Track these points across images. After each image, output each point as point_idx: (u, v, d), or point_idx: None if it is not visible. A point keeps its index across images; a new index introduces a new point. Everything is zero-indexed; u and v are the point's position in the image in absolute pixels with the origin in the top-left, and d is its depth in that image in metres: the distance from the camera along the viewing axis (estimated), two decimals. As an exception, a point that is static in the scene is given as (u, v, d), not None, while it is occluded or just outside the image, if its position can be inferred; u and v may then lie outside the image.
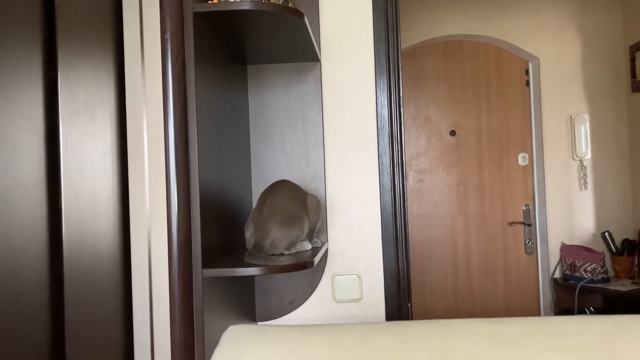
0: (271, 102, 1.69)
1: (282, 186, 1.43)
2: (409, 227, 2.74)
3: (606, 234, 3.36)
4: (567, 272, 3.30)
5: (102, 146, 1.08)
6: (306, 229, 1.41)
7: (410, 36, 3.56)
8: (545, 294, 3.52)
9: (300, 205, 1.41)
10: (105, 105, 1.09)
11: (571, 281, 3.24)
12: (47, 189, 0.93)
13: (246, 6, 1.16)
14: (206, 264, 1.19)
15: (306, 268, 1.22)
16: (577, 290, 3.13)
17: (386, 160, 1.68)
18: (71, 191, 0.97)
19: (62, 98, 0.95)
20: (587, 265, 3.18)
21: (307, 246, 1.43)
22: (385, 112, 1.69)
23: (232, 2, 1.17)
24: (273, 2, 1.35)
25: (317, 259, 1.30)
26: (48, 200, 0.93)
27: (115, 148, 1.13)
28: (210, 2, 1.21)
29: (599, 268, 3.15)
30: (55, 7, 0.96)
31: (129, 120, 1.16)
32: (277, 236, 1.32)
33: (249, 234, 1.36)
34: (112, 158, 1.12)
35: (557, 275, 3.45)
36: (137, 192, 1.16)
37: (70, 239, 0.96)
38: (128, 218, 1.16)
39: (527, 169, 3.57)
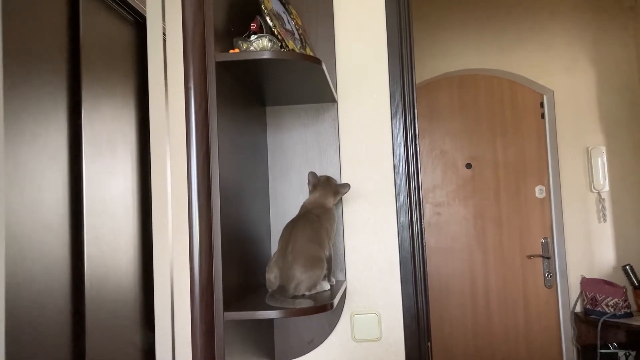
0: (289, 142, 1.73)
1: (299, 229, 1.44)
2: (427, 261, 2.69)
3: (627, 267, 3.31)
4: (589, 306, 3.25)
5: (123, 184, 1.11)
6: (325, 268, 1.43)
7: (425, 71, 3.60)
8: (566, 329, 3.46)
9: (319, 245, 1.44)
10: (126, 144, 1.13)
11: (593, 316, 3.19)
12: (70, 229, 0.95)
13: (267, 55, 1.20)
14: (227, 306, 1.20)
15: (326, 310, 1.23)
16: (600, 325, 3.07)
17: (403, 198, 1.69)
18: (93, 229, 1.00)
19: (85, 139, 0.99)
20: (608, 299, 3.13)
21: (326, 286, 1.45)
22: (401, 150, 1.71)
23: (253, 51, 1.21)
24: (291, 48, 1.39)
25: (336, 301, 1.31)
26: (71, 240, 0.95)
27: (135, 185, 1.16)
28: (231, 51, 1.25)
29: (621, 302, 3.10)
30: (81, 52, 1.00)
31: (153, 159, 1.19)
32: (302, 279, 1.35)
33: (273, 276, 1.38)
34: (133, 195, 1.15)
35: (578, 309, 3.40)
36: (160, 230, 1.18)
37: (91, 277, 0.99)
38: (149, 254, 1.18)
39: (545, 202, 3.55)
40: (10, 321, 0.80)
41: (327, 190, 1.56)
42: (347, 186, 1.59)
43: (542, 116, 3.60)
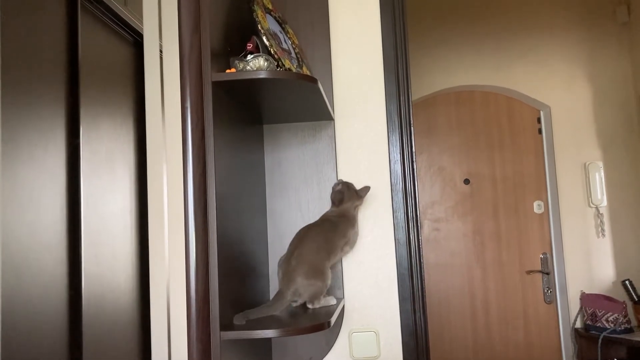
0: (287, 160, 1.73)
1: (311, 237, 1.47)
2: (426, 277, 2.65)
3: (627, 282, 3.30)
4: (589, 322, 3.24)
5: (122, 202, 1.11)
6: (328, 282, 1.45)
7: (422, 87, 3.63)
8: (566, 345, 3.44)
9: (327, 255, 1.46)
10: (124, 163, 1.13)
11: (593, 331, 3.17)
12: (67, 247, 0.95)
13: (263, 75, 1.21)
14: (224, 325, 1.20)
15: (323, 329, 1.22)
16: (600, 341, 3.06)
17: (400, 215, 1.70)
18: (91, 248, 1.00)
19: (83, 158, 0.99)
20: (608, 315, 3.12)
21: (332, 301, 1.48)
22: (398, 167, 1.71)
23: (249, 71, 1.22)
24: (288, 67, 1.40)
25: (333, 319, 1.31)
26: (68, 259, 0.95)
27: (133, 204, 1.16)
28: (228, 70, 1.26)
29: (621, 318, 3.08)
30: (79, 71, 1.01)
31: (149, 178, 1.19)
32: (302, 286, 1.38)
33: (280, 277, 1.43)
34: (131, 213, 1.15)
35: (579, 325, 3.38)
36: (157, 249, 1.18)
37: (89, 295, 0.99)
38: (146, 273, 1.18)
39: (543, 217, 3.55)
40: (6, 341, 0.80)
41: (350, 199, 1.57)
42: (366, 189, 1.60)
43: (540, 132, 3.61)
